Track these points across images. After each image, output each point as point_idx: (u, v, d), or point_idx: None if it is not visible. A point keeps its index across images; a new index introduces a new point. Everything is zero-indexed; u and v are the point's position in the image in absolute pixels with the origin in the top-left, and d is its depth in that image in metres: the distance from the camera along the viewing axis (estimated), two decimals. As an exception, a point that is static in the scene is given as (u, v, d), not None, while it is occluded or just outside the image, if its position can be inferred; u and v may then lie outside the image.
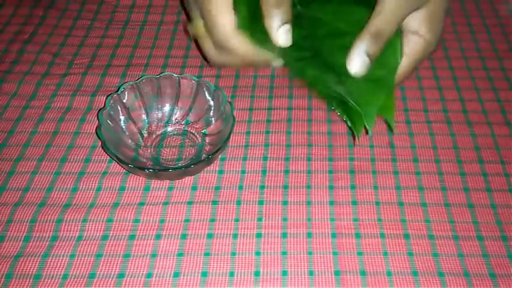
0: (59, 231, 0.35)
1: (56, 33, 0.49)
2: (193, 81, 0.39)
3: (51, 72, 0.46)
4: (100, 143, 0.40)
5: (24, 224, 0.35)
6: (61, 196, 0.37)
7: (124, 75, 0.45)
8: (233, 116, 0.37)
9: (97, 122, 0.36)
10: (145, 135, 0.40)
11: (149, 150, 0.39)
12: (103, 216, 0.36)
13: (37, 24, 0.50)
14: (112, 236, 0.35)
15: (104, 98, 0.42)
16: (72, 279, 0.32)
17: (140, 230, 0.35)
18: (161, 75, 0.39)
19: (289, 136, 0.41)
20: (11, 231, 0.35)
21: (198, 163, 0.35)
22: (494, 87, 0.45)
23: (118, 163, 0.36)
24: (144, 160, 0.38)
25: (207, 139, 0.40)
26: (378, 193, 0.37)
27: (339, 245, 0.34)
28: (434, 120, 0.42)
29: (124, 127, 0.39)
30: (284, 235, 0.35)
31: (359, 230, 0.35)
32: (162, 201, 0.37)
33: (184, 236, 0.35)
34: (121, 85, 0.39)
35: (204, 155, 0.39)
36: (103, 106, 0.38)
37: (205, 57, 0.37)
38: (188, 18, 0.37)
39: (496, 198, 0.37)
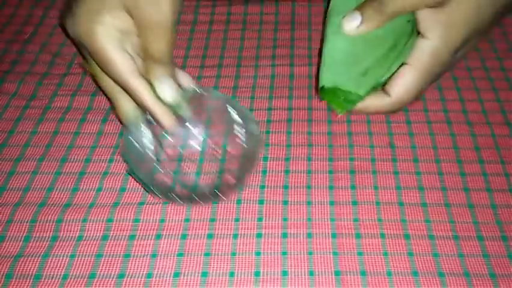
0: (59, 231, 0.35)
1: (56, 33, 0.49)
2: (220, 99, 0.38)
3: (51, 72, 0.46)
4: (100, 143, 0.40)
5: (25, 224, 0.35)
6: (61, 196, 0.37)
7: (124, 75, 0.45)
8: (260, 135, 0.36)
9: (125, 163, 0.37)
10: (165, 147, 0.39)
11: (168, 164, 0.38)
12: (103, 216, 0.36)
13: (37, 24, 0.50)
14: (112, 236, 0.35)
15: (104, 97, 0.42)
16: (72, 279, 0.32)
17: (140, 230, 0.35)
18: (190, 92, 0.37)
19: (289, 136, 0.41)
20: (11, 231, 0.35)
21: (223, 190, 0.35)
22: (494, 87, 0.45)
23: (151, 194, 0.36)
24: (163, 174, 0.37)
25: (228, 155, 0.39)
26: (379, 193, 0.37)
27: (340, 245, 0.34)
28: (434, 120, 0.42)
29: (146, 144, 0.37)
30: (284, 235, 0.35)
31: (359, 230, 0.35)
32: (162, 201, 0.37)
33: (184, 236, 0.35)
34: None
35: (227, 175, 0.38)
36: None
37: (105, 94, 0.37)
38: (82, 56, 0.37)
39: (496, 198, 0.37)
